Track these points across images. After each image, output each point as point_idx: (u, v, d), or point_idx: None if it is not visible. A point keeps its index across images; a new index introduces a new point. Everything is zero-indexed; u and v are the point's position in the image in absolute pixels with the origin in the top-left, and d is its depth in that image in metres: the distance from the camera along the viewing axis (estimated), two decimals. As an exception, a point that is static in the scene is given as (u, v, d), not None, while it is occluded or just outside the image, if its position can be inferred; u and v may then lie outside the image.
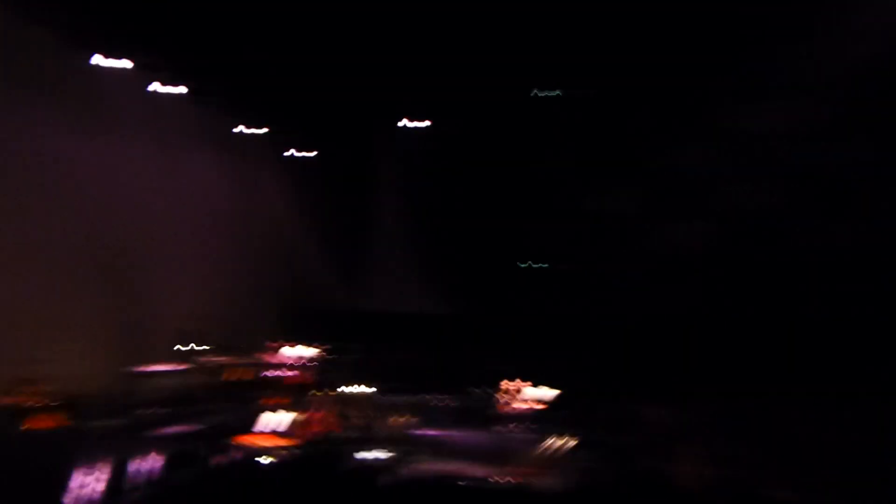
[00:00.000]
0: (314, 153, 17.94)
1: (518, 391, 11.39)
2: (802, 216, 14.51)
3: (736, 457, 8.39)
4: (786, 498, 6.96)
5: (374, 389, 13.41)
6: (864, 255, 13.48)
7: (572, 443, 10.99)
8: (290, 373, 13.21)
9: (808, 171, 14.54)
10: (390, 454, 11.22)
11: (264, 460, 9.06)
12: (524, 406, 11.37)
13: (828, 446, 8.05)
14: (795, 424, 9.24)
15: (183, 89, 13.78)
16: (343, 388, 13.19)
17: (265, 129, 16.96)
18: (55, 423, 9.59)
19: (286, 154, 17.92)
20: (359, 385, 13.19)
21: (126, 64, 12.90)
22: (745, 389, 11.13)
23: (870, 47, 12.67)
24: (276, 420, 10.78)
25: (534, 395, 11.45)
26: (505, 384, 12.06)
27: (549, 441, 11.48)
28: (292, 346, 14.00)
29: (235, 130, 16.32)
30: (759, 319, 13.62)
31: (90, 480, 7.49)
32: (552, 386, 11.73)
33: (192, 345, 12.65)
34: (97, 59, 12.37)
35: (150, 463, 8.25)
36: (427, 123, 17.28)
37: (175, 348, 12.57)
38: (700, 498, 7.75)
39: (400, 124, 17.32)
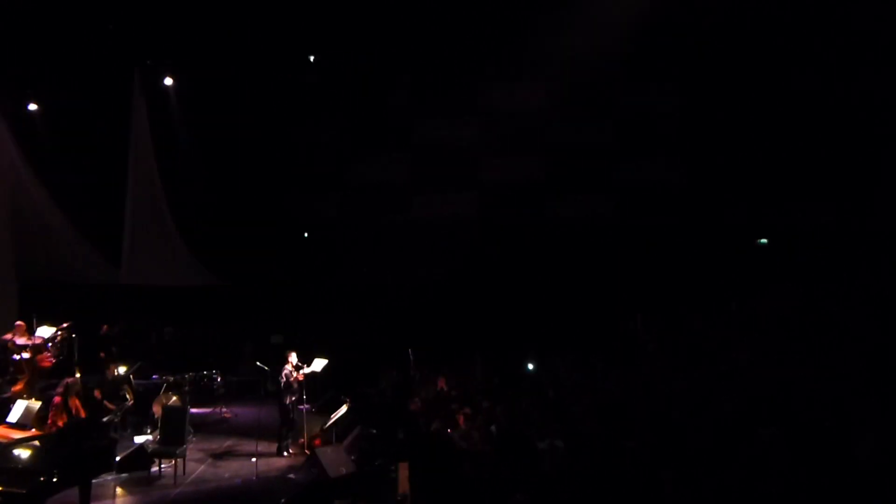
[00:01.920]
0: (51, 106, 15.80)
1: (292, 363, 11.29)
2: (556, 189, 16.11)
3: (509, 413, 9.27)
4: (556, 446, 7.88)
5: (133, 369, 12.51)
6: (610, 225, 15.48)
7: (347, 410, 11.24)
8: (33, 354, 11.71)
9: (561, 148, 16.14)
10: (158, 436, 10.64)
11: (21, 453, 7.99)
12: (300, 377, 11.29)
13: (586, 396, 9.26)
14: (558, 381, 10.44)
15: None
16: (96, 370, 12.15)
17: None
18: None
19: (16, 107, 15.59)
20: (117, 365, 12.19)
21: None
22: (510, 353, 12.24)
23: (616, 34, 14.14)
24: (21, 408, 9.55)
25: (307, 365, 11.44)
26: (279, 356, 11.88)
27: (327, 410, 11.70)
28: (37, 325, 12.42)
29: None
30: (520, 285, 14.93)
31: None
32: (327, 356, 11.82)
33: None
34: None
35: None
36: (184, 82, 16.03)
37: None
38: (479, 453, 8.42)
39: (155, 79, 15.87)
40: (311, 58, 16.28)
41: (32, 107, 15.61)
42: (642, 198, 15.76)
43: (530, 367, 11.88)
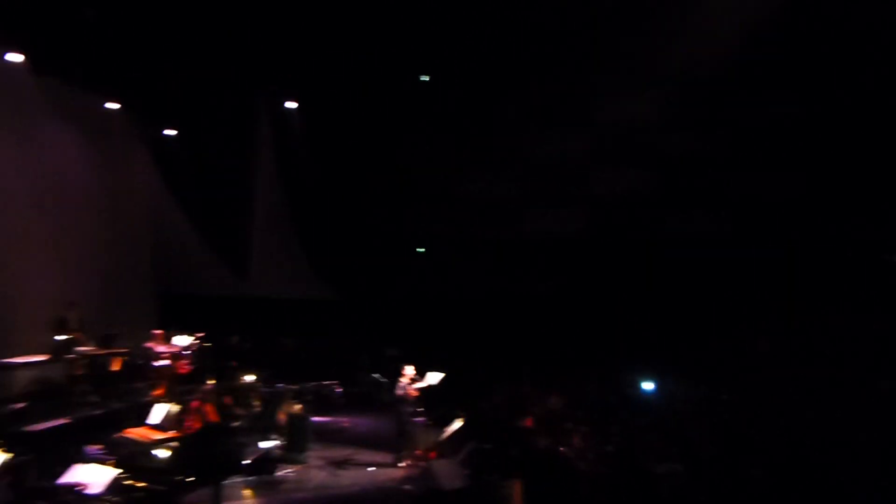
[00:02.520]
0: (185, 130, 16.89)
1: (408, 375, 11.52)
2: (670, 204, 15.64)
3: (624, 434, 9.07)
4: (672, 470, 7.64)
5: (259, 377, 13.12)
6: (724, 241, 14.85)
7: (462, 424, 11.31)
8: (172, 362, 12.55)
9: (675, 161, 15.64)
10: (283, 442, 11.15)
11: (161, 453, 8.62)
12: (415, 390, 11.49)
13: (704, 420, 8.92)
14: (675, 401, 10.11)
15: (30, 62, 12.20)
16: (227, 377, 12.82)
17: (131, 107, 15.74)
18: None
19: (156, 131, 16.80)
20: (243, 373, 12.84)
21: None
22: (622, 370, 11.98)
23: (729, 42, 13.64)
24: (161, 412, 10.28)
25: (423, 378, 11.63)
26: (395, 369, 12.16)
27: (441, 424, 11.83)
28: (173, 334, 13.32)
29: (100, 108, 14.97)
30: (632, 302, 14.57)
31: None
32: (440, 369, 11.97)
33: (67, 334, 11.66)
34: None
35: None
36: (305, 103, 16.69)
37: (53, 338, 11.51)
38: (595, 474, 8.29)
39: (279, 103, 16.59)
40: (424, 78, 16.59)
41: (170, 132, 16.77)
42: (761, 212, 15.02)
43: (647, 386, 11.56)
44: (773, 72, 14.61)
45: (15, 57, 11.78)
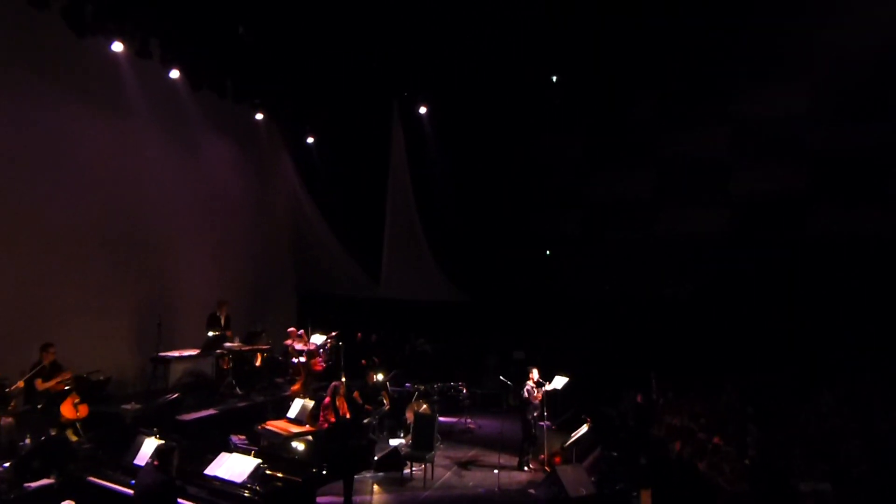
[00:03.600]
0: (324, 139, 17.67)
1: (534, 379, 11.44)
2: (824, 202, 14.48)
3: (765, 446, 8.52)
4: (820, 488, 7.08)
5: (389, 376, 13.51)
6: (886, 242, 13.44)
7: (588, 430, 11.09)
8: (308, 359, 13.21)
9: (827, 155, 14.37)
10: (410, 440, 11.40)
11: (298, 445, 9.10)
12: (541, 394, 11.39)
13: (857, 436, 8.19)
14: (823, 413, 9.38)
15: (185, 76, 13.19)
16: (358, 376, 13.30)
17: (276, 117, 16.70)
18: (84, 411, 9.56)
19: (297, 140, 17.71)
20: (374, 372, 13.27)
21: (144, 53, 12.27)
22: (767, 378, 11.24)
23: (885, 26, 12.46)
24: (298, 406, 10.83)
25: (549, 382, 11.50)
26: (521, 372, 12.11)
27: (567, 429, 11.67)
28: (310, 333, 14.01)
29: (249, 119, 15.99)
30: (779, 306, 13.64)
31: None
32: (568, 374, 11.79)
33: (217, 331, 12.57)
34: (115, 46, 11.80)
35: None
36: (437, 108, 16.93)
37: (206, 334, 12.47)
38: (731, 489, 7.85)
39: (411, 108, 16.94)
40: (554, 78, 16.40)
41: (310, 140, 17.59)
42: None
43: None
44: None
45: (174, 73, 12.87)
